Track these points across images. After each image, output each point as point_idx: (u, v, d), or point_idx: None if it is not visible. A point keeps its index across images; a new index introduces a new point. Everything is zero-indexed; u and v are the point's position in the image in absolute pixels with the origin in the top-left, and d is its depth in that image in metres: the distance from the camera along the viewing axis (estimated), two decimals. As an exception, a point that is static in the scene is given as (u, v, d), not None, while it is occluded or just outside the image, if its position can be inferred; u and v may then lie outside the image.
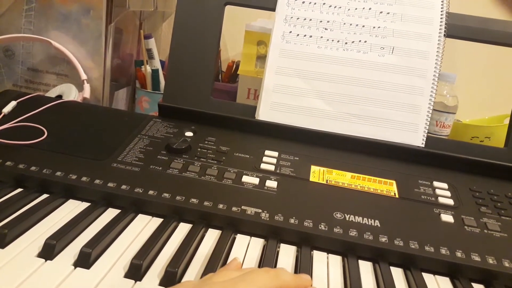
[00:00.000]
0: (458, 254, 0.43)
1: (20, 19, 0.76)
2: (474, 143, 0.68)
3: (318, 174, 0.53)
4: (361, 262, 0.43)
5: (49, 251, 0.38)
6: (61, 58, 0.77)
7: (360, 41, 0.60)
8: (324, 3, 0.62)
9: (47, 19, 0.75)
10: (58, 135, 0.55)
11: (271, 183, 0.50)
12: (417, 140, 0.59)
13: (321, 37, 0.61)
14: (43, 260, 0.37)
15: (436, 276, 0.43)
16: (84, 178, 0.48)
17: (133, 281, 0.36)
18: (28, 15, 0.75)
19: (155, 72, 0.84)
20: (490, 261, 0.43)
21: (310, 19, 0.62)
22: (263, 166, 0.53)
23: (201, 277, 0.37)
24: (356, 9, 0.61)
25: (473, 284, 0.42)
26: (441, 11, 0.60)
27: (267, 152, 0.56)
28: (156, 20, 1.03)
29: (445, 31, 0.60)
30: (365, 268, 0.43)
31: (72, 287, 0.35)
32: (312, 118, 0.60)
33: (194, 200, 0.46)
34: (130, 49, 0.88)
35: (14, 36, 0.74)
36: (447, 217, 0.48)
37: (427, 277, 0.42)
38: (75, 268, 0.37)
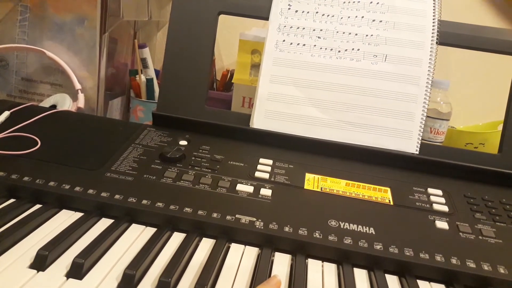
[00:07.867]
0: (453, 261, 0.43)
1: (14, 29, 0.76)
2: (468, 149, 0.69)
3: (312, 181, 0.53)
4: (356, 270, 0.43)
5: (41, 262, 0.37)
6: (55, 68, 0.77)
7: (353, 49, 0.61)
8: (317, 12, 0.62)
9: (41, 29, 0.75)
10: (52, 145, 0.55)
11: (266, 191, 0.50)
12: (411, 147, 0.59)
13: (314, 45, 0.61)
14: (35, 271, 0.37)
15: (432, 283, 0.43)
16: (77, 188, 0.47)
17: (126, 292, 0.36)
18: (22, 25, 0.75)
19: (149, 81, 0.84)
20: (485, 268, 0.43)
21: (303, 28, 0.62)
22: (257, 174, 0.53)
23: (195, 287, 0.36)
24: (348, 17, 0.62)
25: (468, 291, 0.42)
26: (433, 19, 0.61)
27: (261, 160, 0.56)
28: (150, 30, 1.03)
29: (437, 39, 0.60)
30: (360, 276, 0.43)
31: (64, 299, 0.34)
32: (306, 126, 0.60)
33: (188, 209, 0.46)
34: (125, 59, 0.88)
35: (8, 46, 0.74)
36: (442, 224, 0.48)
37: (422, 285, 0.42)
38: (67, 279, 0.36)
